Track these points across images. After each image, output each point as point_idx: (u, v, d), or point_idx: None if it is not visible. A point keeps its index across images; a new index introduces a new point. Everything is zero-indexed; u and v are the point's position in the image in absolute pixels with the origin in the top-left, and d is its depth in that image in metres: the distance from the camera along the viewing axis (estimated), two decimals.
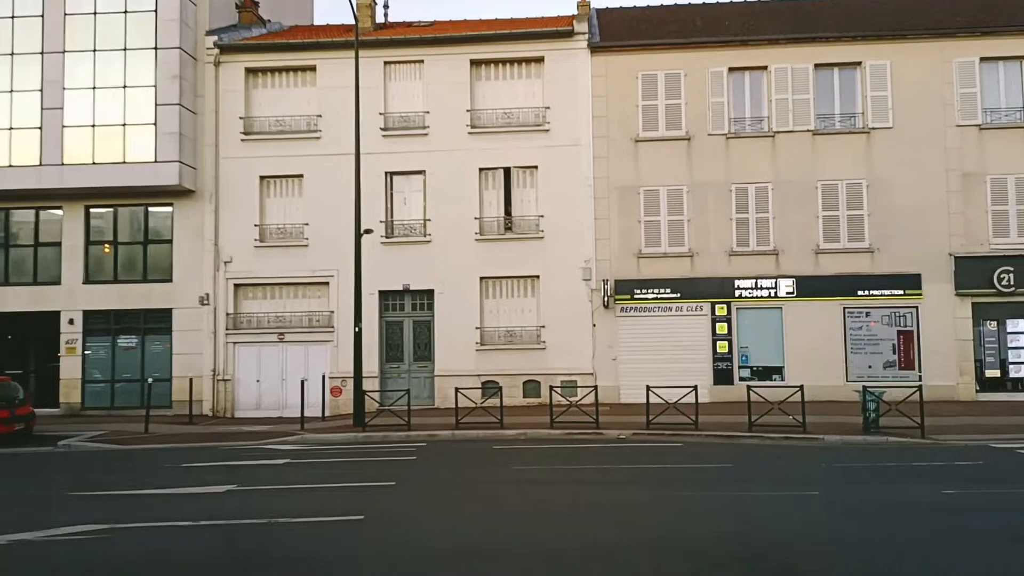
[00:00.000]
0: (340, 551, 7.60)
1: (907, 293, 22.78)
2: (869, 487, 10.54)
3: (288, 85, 24.75)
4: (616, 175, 23.46)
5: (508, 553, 7.44)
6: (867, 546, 7.47)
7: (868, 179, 22.99)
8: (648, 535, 7.98)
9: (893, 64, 23.18)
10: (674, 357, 22.82)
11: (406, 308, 24.05)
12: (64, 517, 9.15)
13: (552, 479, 11.77)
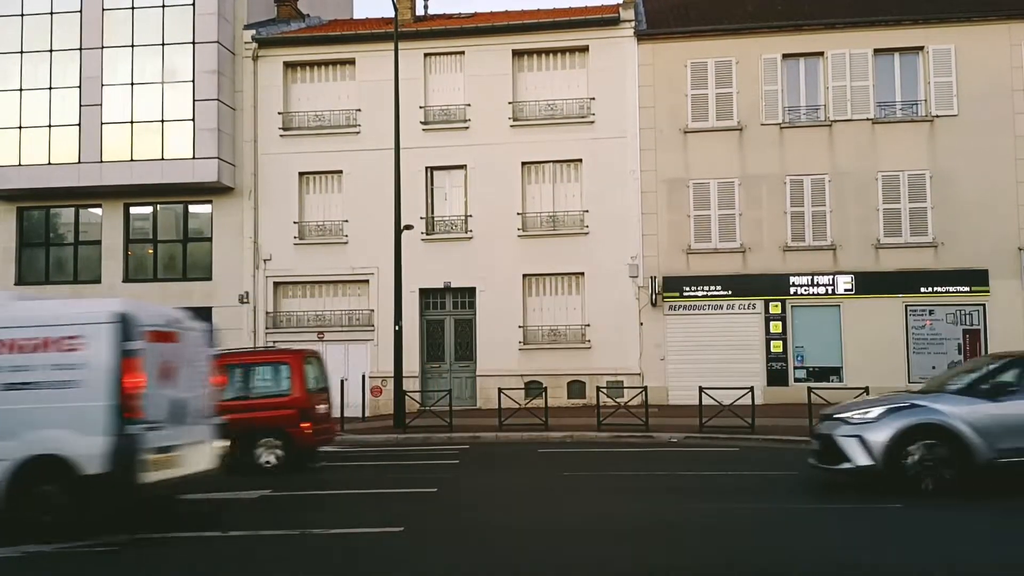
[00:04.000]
0: (376, 569, 6.96)
1: (973, 290, 21.64)
2: (968, 500, 9.65)
3: (327, 79, 24.36)
4: (664, 168, 22.63)
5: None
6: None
7: (931, 170, 21.86)
8: (726, 558, 7.21)
9: (957, 48, 22.04)
10: (725, 357, 21.92)
11: (447, 306, 23.49)
12: (87, 526, 8.65)
13: (606, 487, 11.06)
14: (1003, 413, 9.54)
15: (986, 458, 9.43)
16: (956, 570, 6.62)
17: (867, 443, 9.67)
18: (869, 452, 9.64)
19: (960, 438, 9.43)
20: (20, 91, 23.62)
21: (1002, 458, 9.44)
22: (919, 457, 9.50)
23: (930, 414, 9.61)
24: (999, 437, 9.45)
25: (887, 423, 9.68)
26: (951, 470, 9.45)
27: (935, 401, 9.87)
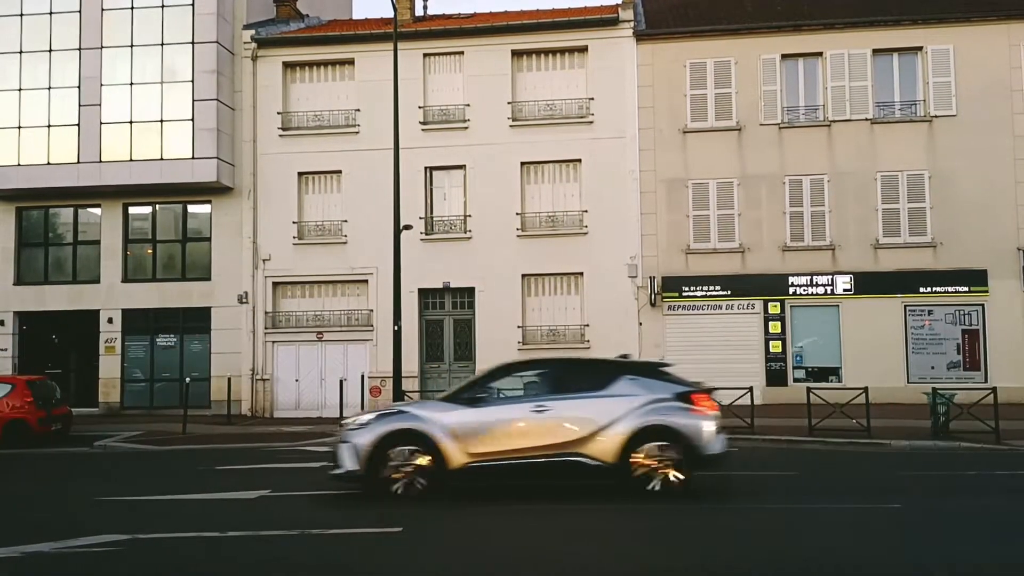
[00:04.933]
0: (375, 569, 6.95)
1: (972, 290, 21.63)
2: (960, 500, 9.65)
3: (326, 79, 24.33)
4: (663, 168, 22.62)
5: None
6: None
7: (930, 170, 21.86)
8: (724, 558, 7.21)
9: (956, 49, 22.03)
10: (724, 357, 21.90)
11: (446, 306, 23.47)
12: (86, 525, 8.66)
13: (605, 487, 11.01)
14: (477, 420, 9.90)
15: (460, 463, 9.76)
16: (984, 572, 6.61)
17: (356, 448, 9.87)
18: (356, 457, 9.85)
19: (435, 444, 9.71)
20: (19, 91, 23.57)
21: (475, 462, 9.80)
22: (398, 462, 9.78)
23: (410, 420, 9.90)
24: (473, 443, 9.79)
25: (372, 429, 9.91)
26: (427, 477, 9.76)
27: (421, 408, 10.35)
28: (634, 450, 9.70)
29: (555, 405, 9.90)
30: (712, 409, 10.02)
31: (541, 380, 10.37)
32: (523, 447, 9.78)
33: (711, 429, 9.83)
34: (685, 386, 10.13)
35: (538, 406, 9.91)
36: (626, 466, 9.68)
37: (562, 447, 9.74)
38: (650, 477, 9.70)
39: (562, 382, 10.24)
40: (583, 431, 9.75)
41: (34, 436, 17.41)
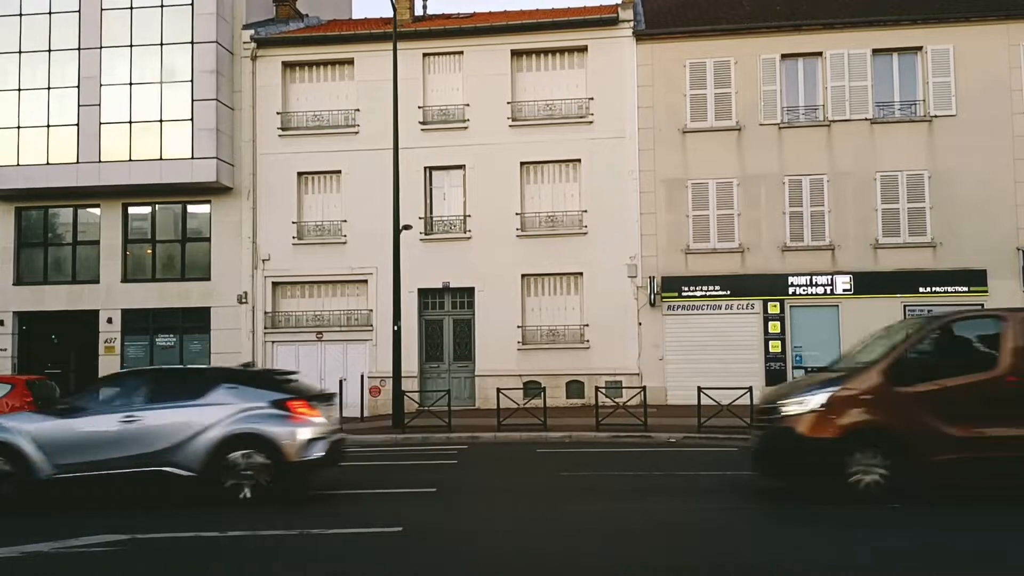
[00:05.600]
0: (375, 568, 6.95)
1: (972, 290, 21.65)
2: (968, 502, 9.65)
3: (326, 79, 24.35)
4: (663, 168, 22.63)
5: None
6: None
7: (930, 170, 21.87)
8: (724, 559, 7.21)
9: (956, 49, 22.05)
10: (724, 357, 21.91)
11: (446, 306, 23.48)
12: (86, 525, 8.65)
13: (604, 487, 11.04)
14: (66, 430, 9.90)
15: (46, 473, 9.76)
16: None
17: None
18: None
19: (22, 454, 9.73)
20: (18, 91, 23.60)
21: (62, 473, 9.79)
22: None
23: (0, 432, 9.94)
24: (61, 453, 9.79)
25: None
26: (12, 486, 9.77)
27: (13, 419, 10.33)
28: (222, 458, 9.72)
29: (146, 415, 9.89)
30: (311, 416, 10.03)
31: (141, 390, 10.28)
32: (111, 458, 9.75)
33: (305, 436, 9.85)
34: (284, 394, 10.13)
35: (128, 416, 9.88)
36: (216, 474, 9.71)
37: (150, 458, 9.74)
38: (240, 485, 9.73)
39: (160, 392, 10.22)
40: (171, 441, 9.75)
41: None
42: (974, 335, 9.91)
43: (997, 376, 9.23)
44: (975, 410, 9.15)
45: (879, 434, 9.17)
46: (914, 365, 9.46)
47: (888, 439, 9.14)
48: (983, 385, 9.23)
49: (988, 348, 9.51)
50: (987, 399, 9.18)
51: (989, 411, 9.15)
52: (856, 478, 9.14)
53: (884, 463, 9.11)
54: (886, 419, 9.16)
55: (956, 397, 9.18)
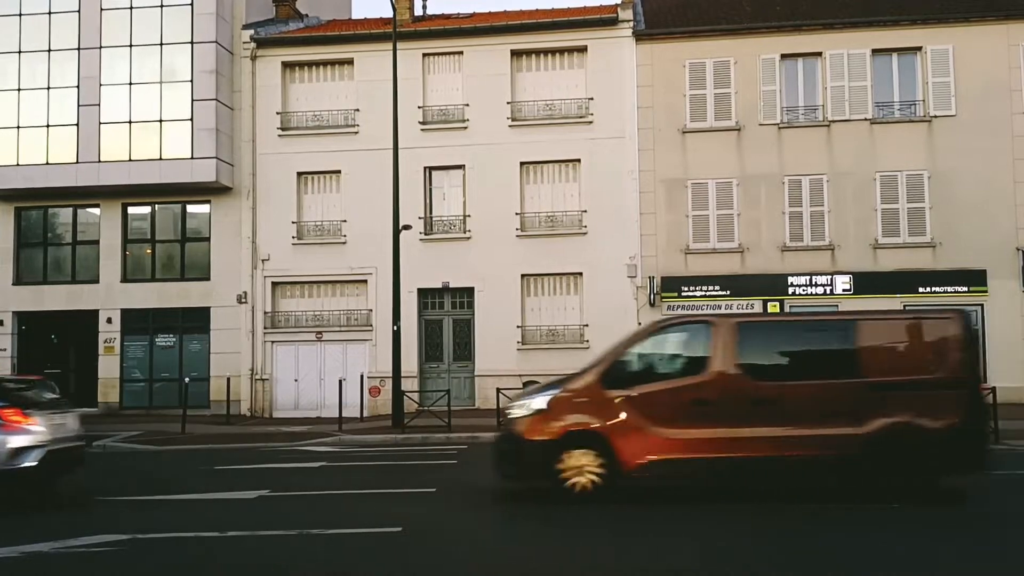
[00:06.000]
0: (375, 568, 6.95)
1: (971, 290, 21.66)
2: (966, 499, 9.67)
3: (325, 79, 24.34)
4: (662, 168, 22.63)
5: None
6: None
7: (929, 170, 21.88)
8: (734, 557, 7.20)
9: (956, 49, 22.05)
10: None
11: (445, 306, 23.48)
12: (87, 525, 8.66)
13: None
14: None
15: None
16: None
17: None
18: None
19: None
20: (18, 91, 23.60)
21: None
22: None
23: None
24: None
25: None
26: None
27: None
28: None
29: None
30: (25, 423, 9.91)
31: None
32: None
33: (13, 444, 9.74)
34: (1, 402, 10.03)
35: None
36: None
37: None
38: None
39: None
40: None
41: None
42: (685, 340, 10.20)
43: (706, 380, 9.51)
44: (684, 412, 9.42)
45: (592, 436, 9.45)
46: (628, 369, 9.81)
47: (600, 441, 9.41)
48: (692, 388, 9.52)
49: (698, 352, 9.80)
50: (696, 402, 9.44)
51: (697, 413, 9.41)
52: (572, 480, 9.40)
53: (597, 464, 9.39)
54: (598, 422, 9.46)
55: (666, 400, 9.49)
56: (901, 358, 9.58)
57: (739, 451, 9.30)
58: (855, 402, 9.33)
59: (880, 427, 9.23)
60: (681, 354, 10.11)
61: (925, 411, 9.28)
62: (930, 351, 9.57)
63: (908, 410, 9.27)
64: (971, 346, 9.65)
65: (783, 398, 9.38)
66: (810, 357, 9.82)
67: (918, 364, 9.48)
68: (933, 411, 9.29)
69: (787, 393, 9.41)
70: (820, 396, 9.40)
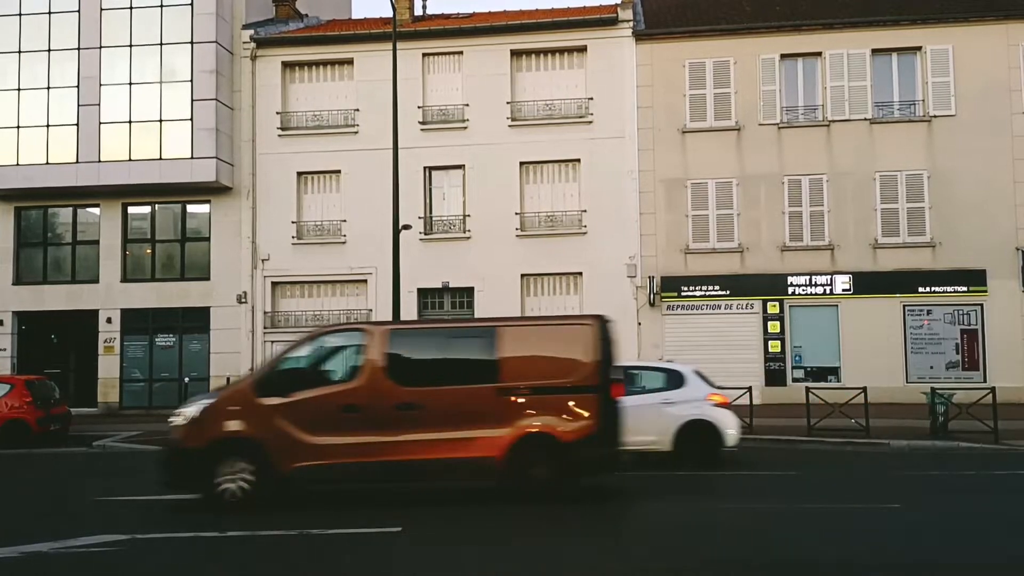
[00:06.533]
0: (375, 568, 6.95)
1: (971, 290, 21.65)
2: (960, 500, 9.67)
3: (325, 79, 24.33)
4: (662, 168, 22.62)
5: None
6: None
7: (929, 170, 21.87)
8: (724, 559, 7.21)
9: (955, 48, 22.04)
10: (723, 357, 21.85)
11: (445, 306, 23.47)
12: (86, 525, 8.66)
13: (604, 487, 11.02)
14: None
15: None
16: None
17: None
18: None
19: None
20: (18, 91, 23.58)
21: None
22: None
23: None
24: None
25: None
26: None
27: None
28: None
29: None
30: None
31: None
32: None
33: None
34: None
35: None
36: None
37: None
38: None
39: None
40: None
41: (33, 436, 17.36)
42: (340, 347, 10.37)
43: (356, 386, 9.67)
44: (335, 418, 9.52)
45: (243, 443, 9.54)
46: (284, 376, 9.92)
47: (251, 448, 9.50)
48: (344, 395, 9.64)
49: (351, 359, 9.97)
50: (347, 408, 9.55)
51: (348, 419, 9.52)
52: (223, 487, 9.47)
53: (249, 471, 9.46)
54: (250, 429, 9.55)
55: (318, 406, 9.59)
56: (539, 363, 9.77)
57: (389, 455, 9.46)
58: (495, 407, 9.53)
59: (519, 431, 9.46)
60: (335, 361, 10.31)
61: (561, 415, 9.52)
62: (567, 356, 9.77)
63: (545, 414, 9.51)
64: (607, 351, 9.76)
65: (429, 403, 9.56)
66: (454, 363, 10.08)
67: (556, 369, 9.71)
68: (569, 415, 9.53)
69: (433, 398, 9.60)
70: (463, 401, 9.61)
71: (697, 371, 13.33)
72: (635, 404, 11.95)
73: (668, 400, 12.71)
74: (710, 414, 12.52)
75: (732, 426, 12.64)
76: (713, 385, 13.25)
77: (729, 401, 13.06)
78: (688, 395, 12.72)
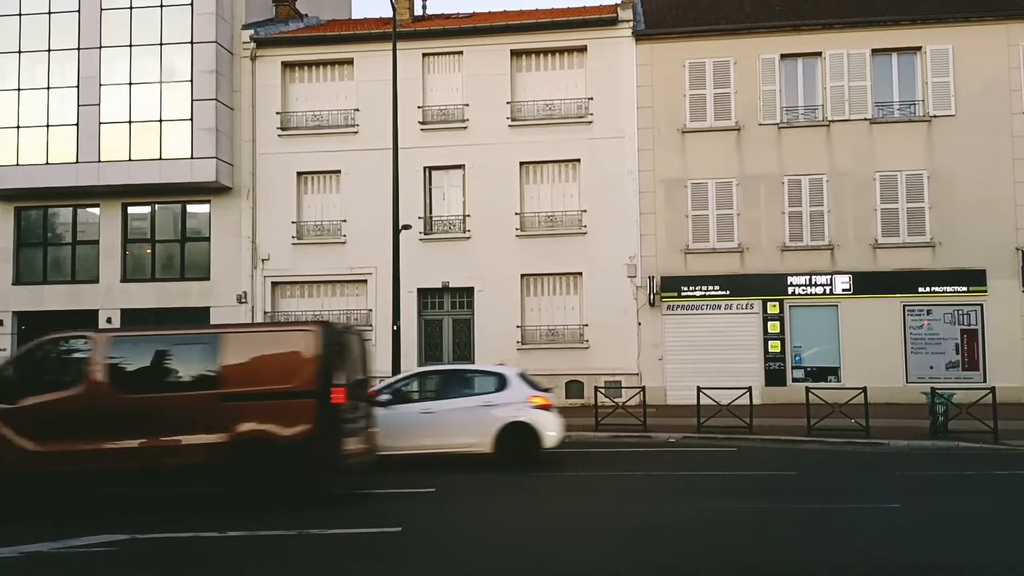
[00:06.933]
0: (375, 568, 6.96)
1: (971, 290, 21.66)
2: (959, 500, 9.67)
3: (325, 79, 24.33)
4: (662, 168, 22.63)
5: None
6: None
7: (929, 170, 21.87)
8: (725, 558, 7.22)
9: (955, 48, 22.05)
10: (723, 357, 21.89)
11: (445, 306, 23.47)
12: (87, 525, 8.67)
13: (603, 487, 11.06)
14: None
15: None
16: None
17: None
18: None
19: None
20: (18, 91, 23.59)
21: None
22: None
23: None
24: None
25: None
26: None
27: None
28: None
29: None
30: None
31: None
32: None
33: None
34: None
35: None
36: None
37: None
38: None
39: None
40: None
41: None
42: (64, 354, 10.43)
43: (77, 393, 9.70)
44: (59, 425, 9.56)
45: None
46: (8, 383, 9.95)
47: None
48: (66, 401, 9.67)
49: (75, 366, 10.03)
50: (69, 414, 9.60)
51: (72, 425, 9.55)
52: None
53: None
54: None
55: (43, 413, 9.62)
56: (259, 370, 9.85)
57: (114, 462, 9.51)
58: (216, 412, 9.61)
59: (240, 436, 9.54)
60: (61, 367, 10.33)
61: (281, 420, 9.61)
62: (287, 362, 9.84)
63: (265, 419, 9.61)
64: (326, 356, 9.83)
65: (151, 410, 9.64)
66: (176, 369, 10.15)
67: (275, 375, 9.78)
68: (288, 420, 9.62)
69: (155, 404, 9.68)
70: (185, 407, 9.69)
71: (522, 374, 13.56)
72: (458, 407, 12.92)
73: (490, 403, 12.94)
74: (529, 416, 12.75)
75: (552, 428, 12.90)
76: (539, 388, 13.47)
77: (552, 403, 13.20)
78: (510, 398, 12.91)
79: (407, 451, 12.48)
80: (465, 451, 12.69)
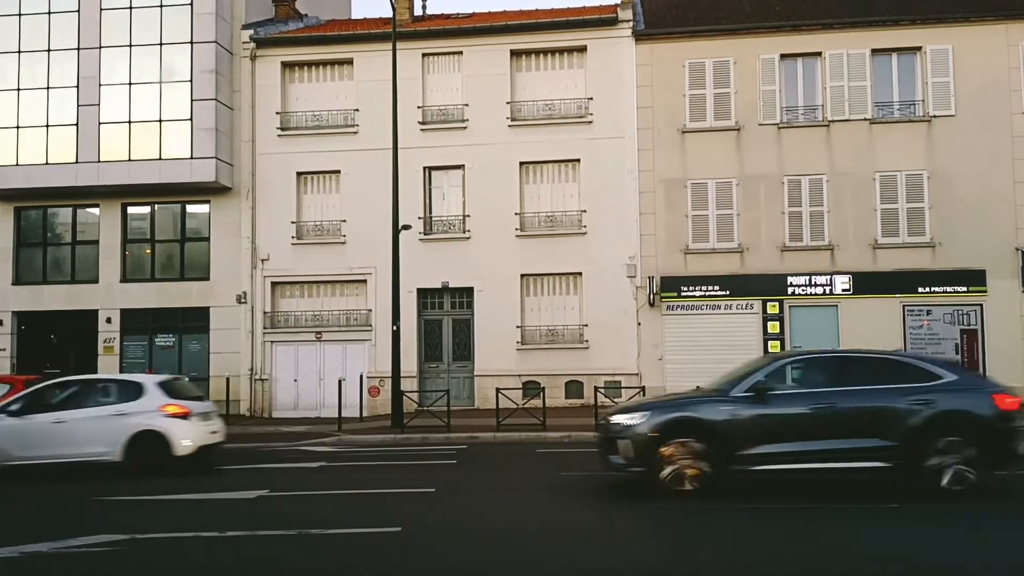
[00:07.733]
0: (375, 568, 6.95)
1: (971, 290, 21.66)
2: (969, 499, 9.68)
3: (325, 79, 24.34)
4: (662, 168, 22.63)
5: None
6: None
7: (929, 170, 21.87)
8: (725, 558, 7.21)
9: (955, 48, 22.04)
10: (723, 357, 21.64)
11: (445, 306, 23.48)
12: (84, 525, 8.66)
13: (603, 487, 11.04)
14: None
15: None
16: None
17: None
18: None
19: None
20: (18, 91, 23.60)
21: None
22: None
23: None
24: None
25: None
26: None
27: None
28: None
29: None
30: None
31: None
32: None
33: None
34: None
35: None
36: None
37: None
38: None
39: None
40: None
41: None
42: None
43: None
44: None
45: None
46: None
47: None
48: None
49: None
50: None
51: None
52: None
53: None
54: None
55: None
56: None
57: None
58: None
59: None
60: None
61: None
62: None
63: None
64: None
65: None
66: None
67: None
68: None
69: None
70: None
71: (162, 383, 13.28)
72: (90, 416, 12.76)
73: (121, 412, 12.76)
74: (160, 424, 12.63)
75: (186, 436, 12.76)
76: (186, 397, 13.38)
77: (189, 411, 12.97)
78: (143, 406, 12.75)
79: (35, 460, 12.46)
80: (95, 460, 12.58)
